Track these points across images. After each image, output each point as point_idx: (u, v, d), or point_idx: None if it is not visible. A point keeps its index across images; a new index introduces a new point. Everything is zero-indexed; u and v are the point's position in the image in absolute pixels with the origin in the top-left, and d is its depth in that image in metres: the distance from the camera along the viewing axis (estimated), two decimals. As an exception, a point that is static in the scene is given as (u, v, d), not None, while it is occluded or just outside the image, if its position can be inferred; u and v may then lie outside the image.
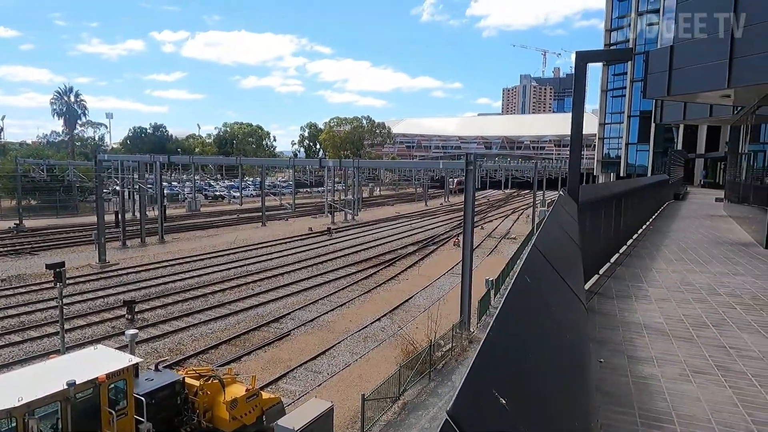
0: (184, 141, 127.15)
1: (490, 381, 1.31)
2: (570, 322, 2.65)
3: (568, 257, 3.97)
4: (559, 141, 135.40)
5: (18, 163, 56.93)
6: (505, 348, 1.64)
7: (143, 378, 12.33)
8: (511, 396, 1.31)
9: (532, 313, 2.20)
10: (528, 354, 1.83)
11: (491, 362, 1.42)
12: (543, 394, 1.74)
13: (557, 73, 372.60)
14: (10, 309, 24.72)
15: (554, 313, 2.46)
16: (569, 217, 5.53)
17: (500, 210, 78.74)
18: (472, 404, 1.18)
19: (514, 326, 1.90)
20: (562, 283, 2.87)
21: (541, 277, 2.55)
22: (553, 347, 2.20)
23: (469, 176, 23.15)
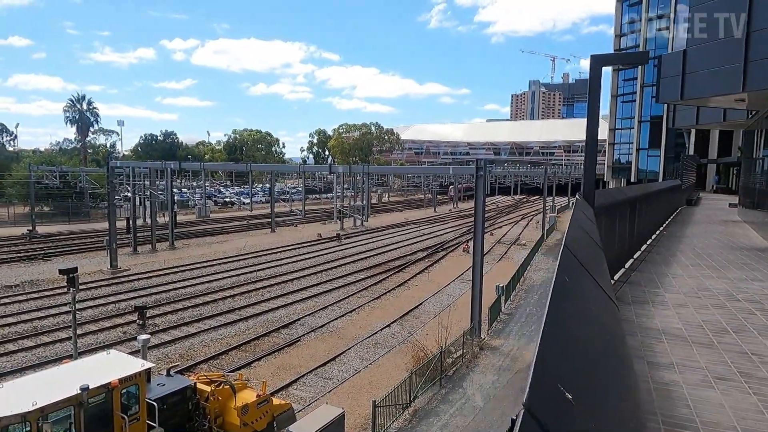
0: (194, 148, 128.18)
1: (554, 377, 1.28)
2: (608, 322, 2.60)
3: (595, 258, 3.92)
4: (568, 146, 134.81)
5: (31, 169, 57.64)
6: (560, 346, 1.60)
7: (155, 383, 12.34)
8: (573, 392, 1.27)
9: (576, 312, 2.15)
10: (579, 352, 1.79)
11: (550, 359, 1.39)
12: (599, 391, 1.70)
13: (566, 79, 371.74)
14: (23, 314, 24.95)
15: (593, 312, 2.42)
16: (589, 221, 5.47)
17: (510, 216, 78.38)
18: (544, 398, 1.15)
19: (563, 325, 1.86)
20: (593, 282, 2.82)
21: (576, 277, 2.51)
22: (599, 346, 2.15)
23: (480, 182, 23.06)
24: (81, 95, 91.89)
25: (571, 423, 1.22)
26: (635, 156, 76.06)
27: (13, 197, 63.22)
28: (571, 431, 1.19)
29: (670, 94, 16.58)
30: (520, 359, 20.78)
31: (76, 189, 62.18)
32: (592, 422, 1.33)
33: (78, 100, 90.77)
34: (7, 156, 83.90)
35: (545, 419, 1.13)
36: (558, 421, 1.16)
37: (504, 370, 19.67)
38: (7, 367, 19.03)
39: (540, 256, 42.49)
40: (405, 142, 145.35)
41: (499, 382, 18.60)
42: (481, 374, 19.25)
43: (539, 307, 27.96)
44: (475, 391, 17.83)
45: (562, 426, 1.15)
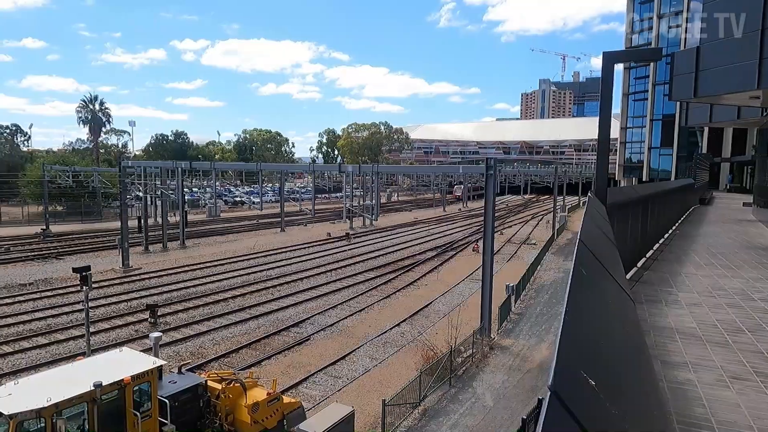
0: (205, 148, 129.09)
1: (577, 363, 1.27)
2: (626, 316, 2.58)
3: (610, 255, 3.88)
4: (579, 145, 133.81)
5: (45, 169, 58.39)
6: (581, 335, 1.59)
7: (167, 380, 12.44)
8: (596, 379, 1.26)
9: (595, 304, 2.14)
10: (600, 343, 1.77)
11: (573, 346, 1.38)
12: (620, 381, 1.68)
13: (577, 77, 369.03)
14: (37, 312, 25.27)
15: (611, 305, 2.40)
16: (602, 218, 5.42)
17: (519, 215, 78.00)
18: (569, 382, 1.15)
19: (583, 315, 1.85)
20: (609, 277, 2.79)
21: (592, 271, 2.48)
22: (618, 338, 2.13)
23: (490, 181, 22.97)
24: (93, 96, 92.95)
25: (596, 408, 1.21)
26: (647, 155, 75.36)
27: (28, 197, 64.07)
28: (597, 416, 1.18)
29: (683, 91, 16.37)
30: (531, 359, 20.69)
31: (89, 189, 62.84)
32: (616, 409, 1.32)
33: (90, 101, 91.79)
34: (21, 156, 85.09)
35: (571, 402, 1.12)
36: (583, 406, 1.15)
37: (514, 370, 19.59)
38: (22, 364, 19.29)
39: (550, 256, 42.24)
40: (414, 141, 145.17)
41: (509, 382, 18.53)
42: (491, 374, 19.18)
43: (550, 307, 27.80)
44: (485, 391, 17.77)
45: (588, 410, 1.14)
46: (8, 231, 49.67)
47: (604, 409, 1.28)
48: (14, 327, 23.12)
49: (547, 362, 20.36)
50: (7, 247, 41.24)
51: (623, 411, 1.37)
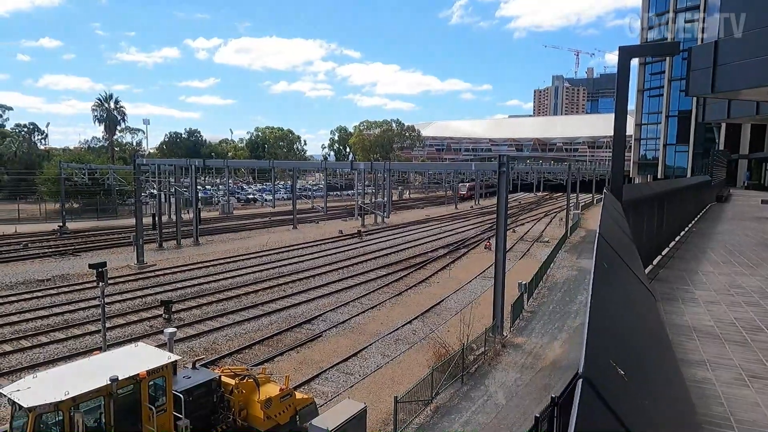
0: (218, 146, 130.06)
1: (605, 353, 1.26)
2: (648, 309, 2.54)
3: (629, 250, 3.83)
4: (593, 142, 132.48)
5: (61, 167, 59.26)
6: (606, 327, 1.57)
7: (181, 375, 12.58)
8: (624, 369, 1.25)
9: (618, 297, 2.11)
10: (624, 334, 1.75)
11: (600, 336, 1.36)
12: (647, 373, 1.66)
13: (590, 74, 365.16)
14: (55, 307, 25.70)
15: (633, 298, 2.37)
16: (619, 215, 5.36)
17: (532, 213, 77.47)
18: (599, 370, 1.13)
19: (608, 307, 1.83)
20: (630, 272, 2.76)
21: (614, 265, 2.45)
22: (641, 331, 2.11)
23: (503, 178, 22.82)
24: (108, 94, 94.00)
25: (626, 397, 1.19)
26: (662, 151, 74.34)
27: (45, 194, 65.10)
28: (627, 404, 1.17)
29: (701, 87, 16.10)
30: (543, 357, 20.56)
31: (104, 186, 63.70)
32: (645, 399, 1.30)
33: (105, 100, 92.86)
34: (38, 154, 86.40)
35: (603, 390, 1.11)
36: (613, 394, 1.13)
37: (527, 368, 19.48)
38: (40, 358, 19.64)
39: (563, 254, 41.90)
40: (426, 138, 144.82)
41: (522, 380, 18.43)
42: (504, 372, 19.09)
43: (563, 305, 27.59)
44: (497, 389, 17.70)
45: (618, 398, 1.13)
46: (26, 228, 50.55)
47: (634, 398, 1.26)
48: (32, 322, 23.53)
49: (561, 361, 20.21)
50: (25, 244, 41.97)
51: (652, 401, 1.35)
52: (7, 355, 19.84)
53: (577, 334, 22.99)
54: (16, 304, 26.12)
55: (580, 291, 30.56)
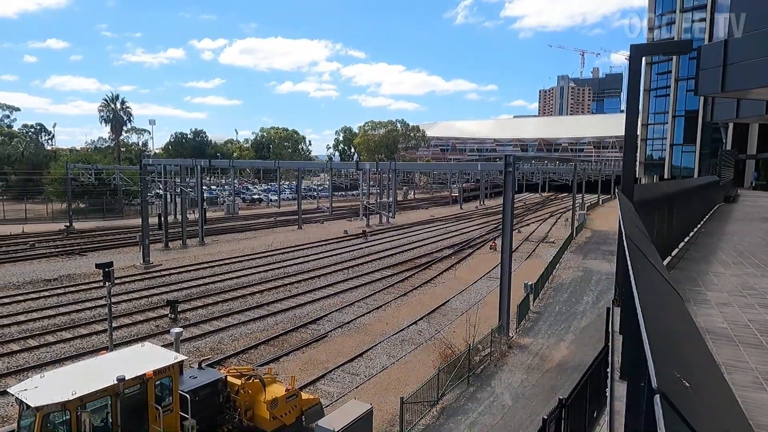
0: (223, 146, 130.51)
1: (668, 364, 1.20)
2: (682, 312, 2.48)
3: (651, 250, 3.76)
4: (598, 143, 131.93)
5: (68, 168, 59.57)
6: (657, 334, 1.52)
7: (187, 375, 12.57)
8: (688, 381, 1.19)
9: (658, 301, 2.05)
10: (677, 342, 1.70)
11: (661, 347, 1.31)
12: (704, 384, 1.60)
13: (596, 74, 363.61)
14: (61, 307, 25.79)
15: (668, 301, 2.31)
16: (635, 215, 5.28)
17: (537, 213, 77.23)
18: (671, 383, 1.08)
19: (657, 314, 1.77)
20: (656, 272, 2.69)
21: (646, 267, 2.39)
22: (684, 336, 2.04)
23: (509, 178, 22.73)
24: (114, 95, 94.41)
25: (696, 412, 1.13)
26: (669, 152, 73.85)
27: (52, 194, 65.45)
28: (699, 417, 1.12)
29: (710, 86, 15.96)
30: (550, 358, 20.45)
31: (111, 186, 63.97)
32: (710, 411, 1.24)
33: (112, 100, 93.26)
34: (45, 155, 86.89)
35: (678, 404, 1.04)
36: (687, 408, 1.08)
37: (533, 369, 19.38)
38: (47, 357, 19.70)
39: (569, 255, 41.71)
40: (431, 139, 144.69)
41: (528, 381, 18.34)
42: (510, 373, 19.00)
43: (569, 306, 27.45)
44: (503, 390, 17.62)
45: (690, 414, 1.07)
46: (33, 228, 50.81)
47: (703, 413, 1.20)
48: (39, 321, 23.63)
49: (567, 362, 20.09)
50: (32, 244, 42.18)
51: (714, 412, 1.29)
52: (15, 355, 19.92)
53: (584, 336, 22.86)
54: (24, 304, 26.24)
55: (586, 292, 30.40)
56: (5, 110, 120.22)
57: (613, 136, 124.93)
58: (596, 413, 12.45)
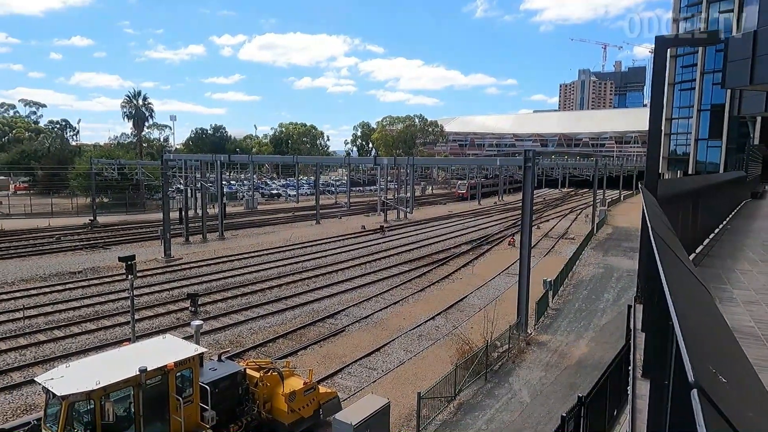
0: (242, 141, 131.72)
1: (704, 359, 1.17)
2: (712, 307, 2.41)
3: (676, 245, 3.67)
4: (620, 138, 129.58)
5: (92, 163, 60.79)
6: (692, 330, 1.48)
7: (207, 368, 12.75)
8: (724, 376, 1.16)
9: (688, 296, 2.00)
10: (709, 339, 1.66)
11: (693, 342, 1.27)
12: (739, 381, 1.56)
13: (618, 67, 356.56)
14: (86, 299, 26.40)
15: (698, 297, 2.25)
16: (660, 211, 5.16)
17: (557, 209, 76.29)
18: (708, 378, 1.05)
19: (687, 309, 1.73)
20: (685, 268, 2.62)
21: (674, 264, 2.33)
22: (714, 332, 1.99)
23: (528, 173, 22.46)
24: (137, 91, 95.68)
25: (734, 408, 1.10)
26: (693, 147, 72.17)
27: (76, 189, 66.93)
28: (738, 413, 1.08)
29: (738, 79, 15.52)
30: (569, 356, 20.23)
31: (133, 181, 65.10)
32: (747, 408, 1.20)
33: (134, 97, 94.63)
34: (70, 150, 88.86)
35: (714, 397, 1.01)
36: (725, 405, 1.04)
37: (552, 367, 19.20)
38: (72, 348, 20.20)
39: (589, 251, 41.14)
40: (449, 134, 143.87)
41: (547, 379, 18.17)
42: (528, 370, 18.86)
43: (589, 303, 27.10)
44: (521, 387, 17.49)
45: (729, 410, 1.03)
46: (59, 221, 52.06)
47: (740, 408, 1.17)
48: (65, 313, 24.22)
49: (587, 359, 19.85)
50: (58, 237, 43.24)
51: (752, 412, 1.25)
52: (42, 345, 20.48)
53: (604, 333, 22.56)
54: (50, 296, 26.93)
55: (606, 289, 29.97)
56: (32, 107, 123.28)
57: (636, 130, 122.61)
58: (617, 412, 12.29)
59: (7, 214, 55.85)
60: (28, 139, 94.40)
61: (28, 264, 33.96)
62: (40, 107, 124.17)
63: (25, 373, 17.69)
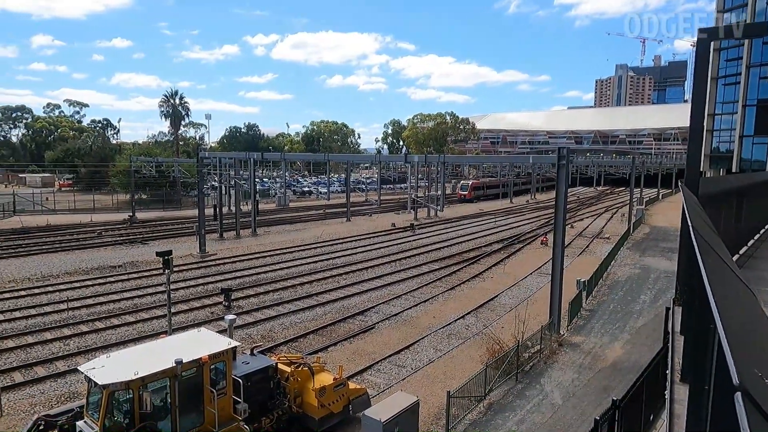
0: (275, 139, 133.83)
1: (748, 361, 1.14)
2: (757, 308, 2.33)
3: (719, 245, 3.54)
4: (659, 134, 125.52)
5: (131, 161, 62.85)
6: (735, 332, 1.44)
7: (240, 361, 13.04)
8: None
9: (732, 297, 1.94)
10: (754, 341, 1.61)
11: (737, 344, 1.24)
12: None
13: (658, 62, 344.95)
14: (125, 292, 27.34)
15: (742, 298, 2.18)
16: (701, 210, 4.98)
17: (592, 208, 74.56)
18: (753, 380, 1.02)
19: (731, 311, 1.67)
20: (729, 270, 2.53)
21: (716, 265, 2.26)
22: (760, 334, 1.92)
23: (562, 171, 22.01)
24: (173, 91, 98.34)
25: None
26: (738, 144, 69.19)
27: (117, 186, 69.36)
28: None
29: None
30: (603, 358, 19.76)
31: (170, 178, 66.97)
32: None
33: (171, 96, 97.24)
34: (111, 148, 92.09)
35: (761, 401, 0.98)
36: None
37: (585, 369, 18.80)
38: (112, 339, 20.97)
39: (626, 251, 40.05)
40: (480, 131, 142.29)
41: (579, 381, 17.81)
42: (560, 371, 18.52)
43: (624, 305, 26.41)
44: (553, 388, 17.19)
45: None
46: (100, 217, 54.07)
47: None
48: (106, 305, 25.16)
49: (622, 362, 19.36)
50: (99, 232, 44.90)
51: None
52: (84, 335, 21.33)
53: (640, 335, 21.94)
54: (92, 288, 28.01)
55: (643, 290, 29.12)
56: (76, 107, 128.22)
57: (676, 127, 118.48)
58: (653, 417, 11.94)
59: (53, 209, 58.35)
60: (72, 137, 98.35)
61: (72, 258, 35.40)
62: (83, 107, 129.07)
63: (69, 362, 18.47)
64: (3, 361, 18.81)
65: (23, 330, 21.62)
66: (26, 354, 19.46)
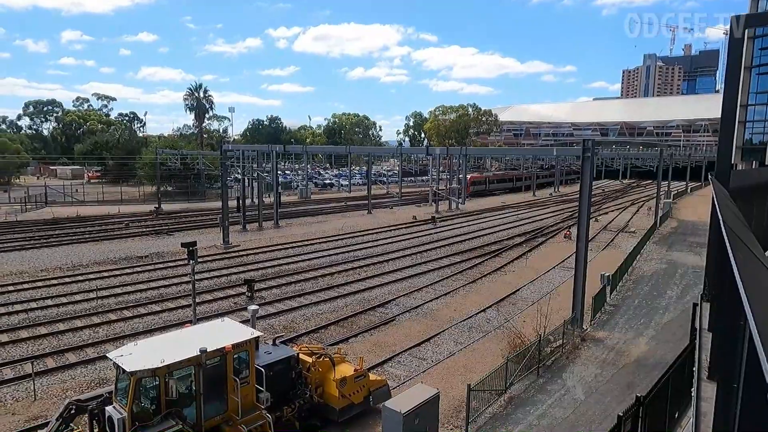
0: (297, 132, 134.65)
1: None
2: None
3: (751, 240, 3.45)
4: (688, 126, 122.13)
5: (157, 153, 64.05)
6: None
7: (263, 351, 13.23)
8: None
9: (766, 293, 1.89)
10: None
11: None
12: None
13: (688, 51, 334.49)
14: (152, 282, 27.98)
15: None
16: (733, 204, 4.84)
17: (617, 201, 73.16)
18: None
19: (764, 306, 1.63)
20: (761, 266, 2.46)
21: (748, 260, 2.19)
22: None
23: (586, 164, 21.62)
24: (198, 85, 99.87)
25: None
26: (772, 135, 66.89)
27: (143, 178, 70.84)
28: None
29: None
30: (627, 353, 19.45)
31: (194, 171, 68.10)
32: None
33: (195, 89, 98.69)
34: (138, 141, 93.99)
35: None
36: None
37: (608, 364, 18.54)
38: (139, 327, 21.51)
39: (652, 246, 39.23)
40: (503, 123, 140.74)
41: (603, 376, 17.57)
42: (583, 366, 18.30)
43: (650, 300, 25.91)
44: (575, 384, 17.01)
45: None
46: (127, 208, 55.34)
47: None
48: (133, 295, 25.80)
49: (646, 358, 19.02)
50: (126, 223, 46.00)
51: None
52: (112, 324, 21.93)
53: (666, 332, 21.51)
54: (120, 278, 28.75)
55: (670, 285, 28.52)
56: (104, 100, 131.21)
57: (706, 118, 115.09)
58: (678, 414, 11.73)
59: (82, 201, 59.96)
60: (100, 131, 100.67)
61: (100, 248, 36.36)
62: (111, 101, 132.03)
63: (98, 349, 19.04)
64: (36, 347, 19.49)
65: (55, 318, 22.33)
66: (58, 341, 20.11)
